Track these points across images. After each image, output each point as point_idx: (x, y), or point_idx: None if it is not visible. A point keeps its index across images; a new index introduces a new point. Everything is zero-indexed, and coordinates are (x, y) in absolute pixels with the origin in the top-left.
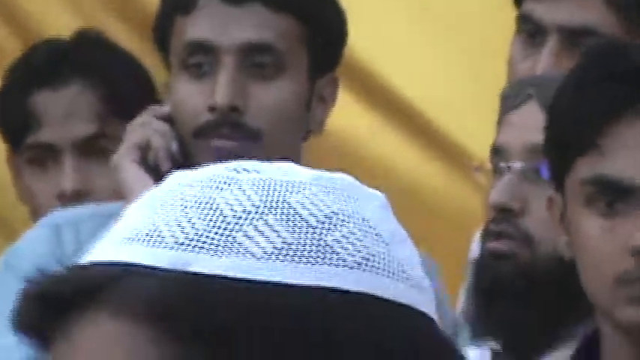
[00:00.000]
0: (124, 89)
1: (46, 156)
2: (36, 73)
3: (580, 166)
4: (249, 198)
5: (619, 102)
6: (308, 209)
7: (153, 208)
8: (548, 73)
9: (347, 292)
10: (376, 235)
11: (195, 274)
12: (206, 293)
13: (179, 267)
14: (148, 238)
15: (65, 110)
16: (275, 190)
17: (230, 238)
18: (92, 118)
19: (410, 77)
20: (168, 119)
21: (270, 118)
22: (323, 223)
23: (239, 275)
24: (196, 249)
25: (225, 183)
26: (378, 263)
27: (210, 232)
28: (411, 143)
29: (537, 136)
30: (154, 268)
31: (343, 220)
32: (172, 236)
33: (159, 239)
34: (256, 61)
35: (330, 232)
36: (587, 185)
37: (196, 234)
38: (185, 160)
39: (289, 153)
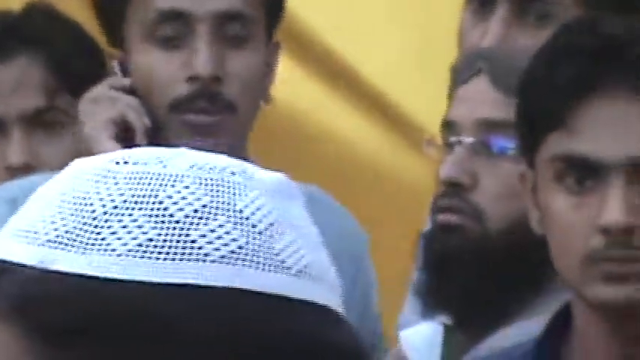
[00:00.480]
0: (73, 62)
1: None
2: None
3: (550, 142)
4: (120, 193)
5: (588, 79)
6: (176, 204)
7: (40, 203)
8: (498, 46)
9: (210, 287)
10: (251, 226)
11: (57, 272)
12: (63, 292)
13: (46, 265)
14: (26, 234)
15: (13, 83)
16: (148, 183)
17: (95, 235)
18: (41, 91)
19: (360, 50)
20: (130, 92)
21: (243, 89)
22: (190, 217)
23: (97, 274)
24: (67, 246)
25: (103, 176)
26: (247, 255)
27: (79, 228)
28: (359, 115)
29: (487, 111)
30: (25, 266)
31: (213, 214)
32: (45, 233)
33: (34, 236)
34: (229, 29)
35: (196, 226)
36: (557, 161)
37: (66, 231)
38: (155, 134)
39: (251, 124)
